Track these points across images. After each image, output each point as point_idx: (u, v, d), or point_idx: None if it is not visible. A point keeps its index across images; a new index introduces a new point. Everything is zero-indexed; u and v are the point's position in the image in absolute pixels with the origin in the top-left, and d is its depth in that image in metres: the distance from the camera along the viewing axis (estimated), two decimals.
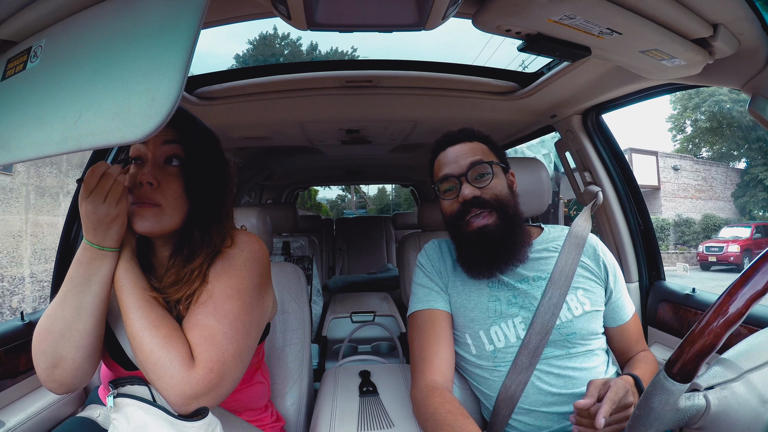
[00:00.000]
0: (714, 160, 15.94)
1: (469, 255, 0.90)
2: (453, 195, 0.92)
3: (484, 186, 0.90)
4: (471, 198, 0.88)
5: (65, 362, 0.64)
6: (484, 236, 0.87)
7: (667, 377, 0.49)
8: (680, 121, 16.96)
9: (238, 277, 0.70)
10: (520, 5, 0.66)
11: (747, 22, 0.69)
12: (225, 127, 1.62)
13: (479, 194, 0.89)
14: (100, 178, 0.61)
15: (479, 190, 0.89)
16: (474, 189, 0.89)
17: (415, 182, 4.16)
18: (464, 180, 0.90)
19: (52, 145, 0.50)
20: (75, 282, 0.63)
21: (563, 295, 0.88)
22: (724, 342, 0.47)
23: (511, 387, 0.85)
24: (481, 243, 0.88)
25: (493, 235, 0.87)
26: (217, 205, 0.74)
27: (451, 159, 0.93)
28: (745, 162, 15.27)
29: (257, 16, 0.89)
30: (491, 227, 0.88)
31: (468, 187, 0.89)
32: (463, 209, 0.89)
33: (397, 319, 2.01)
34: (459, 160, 0.92)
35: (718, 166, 15.55)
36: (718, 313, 0.48)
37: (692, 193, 14.63)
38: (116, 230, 0.64)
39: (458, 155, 0.93)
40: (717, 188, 15.11)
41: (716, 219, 13.82)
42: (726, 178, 15.35)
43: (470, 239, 0.89)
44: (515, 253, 0.90)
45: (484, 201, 0.89)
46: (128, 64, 0.49)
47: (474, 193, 0.89)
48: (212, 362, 0.61)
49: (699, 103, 15.61)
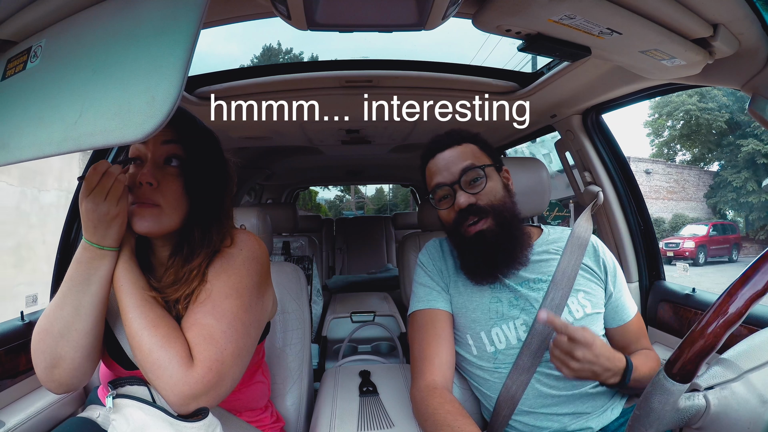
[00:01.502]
0: (688, 163, 17.32)
1: (472, 261, 0.90)
2: (448, 204, 0.91)
3: (479, 192, 0.89)
4: (466, 206, 0.87)
5: (64, 362, 0.64)
6: (482, 241, 0.87)
7: (667, 377, 0.49)
8: (656, 126, 18.13)
9: (237, 276, 0.70)
10: (520, 5, 0.66)
11: (747, 22, 0.69)
12: (225, 127, 1.62)
13: (474, 201, 0.88)
14: (101, 176, 0.61)
15: (474, 197, 0.88)
16: (469, 196, 0.88)
17: (415, 182, 4.16)
18: (458, 187, 0.89)
19: (53, 145, 0.50)
20: (74, 281, 0.63)
21: (565, 297, 0.88)
22: (724, 342, 0.47)
23: (512, 388, 0.85)
24: (480, 248, 0.87)
25: (492, 239, 0.87)
26: (216, 204, 0.74)
27: (442, 166, 0.92)
28: (719, 165, 16.55)
29: (257, 16, 0.89)
30: (488, 232, 0.87)
31: (462, 195, 0.88)
32: (460, 217, 0.89)
33: (397, 319, 2.01)
34: (450, 167, 0.91)
35: (691, 169, 16.80)
36: (718, 313, 0.48)
37: (664, 194, 15.75)
38: (116, 229, 0.63)
39: (449, 162, 0.91)
40: (689, 190, 16.30)
41: (685, 218, 14.98)
42: (699, 180, 16.52)
43: (471, 245, 0.89)
44: (516, 256, 0.89)
45: (479, 208, 0.88)
46: (128, 64, 0.49)
47: (469, 200, 0.88)
48: (211, 362, 0.61)
49: (671, 110, 16.86)
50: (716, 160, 16.89)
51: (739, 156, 14.79)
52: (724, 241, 13.27)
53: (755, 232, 14.54)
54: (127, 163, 0.70)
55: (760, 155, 14.08)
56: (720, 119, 15.47)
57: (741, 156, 14.70)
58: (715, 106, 15.52)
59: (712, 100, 15.58)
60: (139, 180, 0.66)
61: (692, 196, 16.30)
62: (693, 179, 16.46)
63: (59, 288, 0.65)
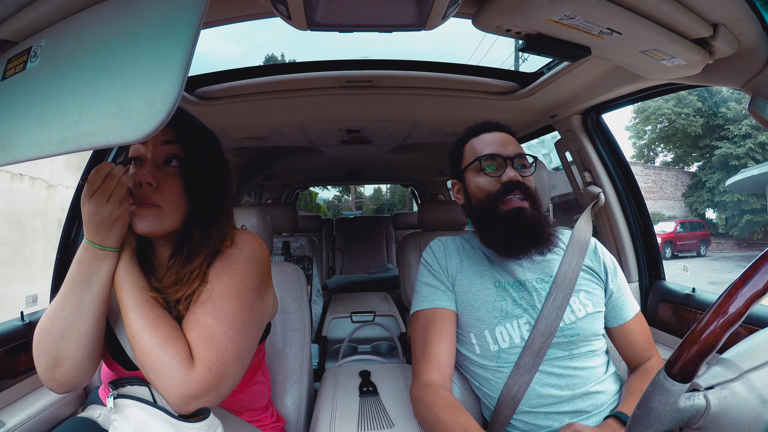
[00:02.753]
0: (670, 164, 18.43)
1: (503, 235, 0.90)
2: (495, 174, 0.93)
3: (526, 176, 0.93)
4: (516, 181, 0.90)
5: (66, 361, 0.64)
6: (520, 216, 0.89)
7: (667, 377, 0.48)
8: (637, 129, 19.32)
9: (237, 276, 0.70)
10: (520, 5, 0.66)
11: (747, 22, 0.69)
12: (225, 127, 1.62)
13: (522, 180, 0.91)
14: (104, 178, 0.61)
15: (522, 179, 0.92)
16: (517, 174, 0.91)
17: (415, 182, 4.16)
18: (510, 163, 0.92)
19: (52, 145, 0.50)
20: (75, 281, 0.63)
21: (567, 298, 0.88)
22: (724, 342, 0.47)
23: (514, 388, 0.85)
24: (517, 223, 0.89)
25: (529, 217, 0.89)
26: (217, 205, 0.74)
27: (499, 141, 0.95)
28: (697, 166, 17.76)
29: (257, 16, 0.89)
30: (528, 211, 0.90)
31: (512, 170, 0.91)
32: (505, 189, 0.91)
33: (397, 319, 2.01)
34: (506, 145, 0.94)
35: (669, 170, 17.74)
36: (718, 313, 0.48)
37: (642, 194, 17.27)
38: (118, 231, 0.64)
39: (505, 140, 0.95)
40: (667, 189, 17.26)
41: (661, 216, 15.79)
42: (677, 180, 17.46)
43: (506, 218, 0.90)
44: (547, 238, 0.91)
45: (525, 187, 0.91)
46: (128, 64, 0.49)
47: (518, 177, 0.91)
48: (211, 362, 0.61)
49: (649, 115, 18.04)
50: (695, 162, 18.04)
51: (713, 158, 15.89)
52: (691, 237, 14.18)
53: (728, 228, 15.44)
54: (127, 164, 0.70)
55: (732, 157, 14.97)
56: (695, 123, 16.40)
57: (715, 158, 15.74)
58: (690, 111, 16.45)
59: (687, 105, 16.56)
60: (139, 180, 0.66)
61: (670, 195, 17.23)
62: (671, 179, 17.38)
63: (60, 288, 0.65)
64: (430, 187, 3.91)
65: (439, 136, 1.90)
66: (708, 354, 0.48)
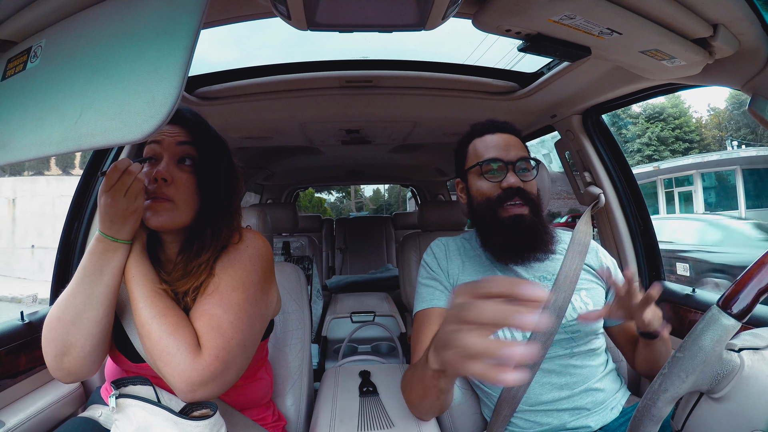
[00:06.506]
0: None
1: (500, 241, 0.91)
2: (496, 179, 0.92)
3: (528, 181, 0.92)
4: (516, 187, 0.90)
5: (75, 349, 0.65)
6: (518, 223, 0.89)
7: (723, 312, 0.46)
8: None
9: (243, 270, 0.73)
10: (520, 5, 0.66)
11: (747, 22, 0.69)
12: (225, 127, 1.62)
13: (522, 186, 0.91)
14: (121, 173, 0.63)
15: (523, 183, 0.91)
16: (518, 180, 0.91)
17: (415, 182, 4.16)
18: (511, 168, 0.91)
19: (52, 145, 0.51)
20: (87, 272, 0.65)
21: (567, 299, 0.88)
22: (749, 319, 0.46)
23: (513, 387, 0.85)
24: (516, 230, 0.89)
25: (527, 224, 0.89)
26: (227, 203, 0.77)
27: (502, 144, 0.94)
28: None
29: (257, 16, 0.89)
30: (527, 218, 0.90)
31: (513, 176, 0.91)
32: (504, 195, 0.90)
33: (397, 319, 2.00)
34: (509, 148, 0.93)
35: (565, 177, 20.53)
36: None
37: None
38: (131, 224, 0.66)
39: (508, 143, 0.94)
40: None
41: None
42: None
43: (504, 225, 0.90)
44: (547, 243, 0.91)
45: (525, 193, 0.91)
46: (128, 64, 0.49)
47: (519, 183, 0.91)
48: (218, 350, 0.63)
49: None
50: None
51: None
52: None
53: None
54: (142, 163, 0.73)
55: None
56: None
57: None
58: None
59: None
60: (155, 176, 0.70)
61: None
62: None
63: (72, 278, 0.67)
64: (430, 188, 3.91)
65: (439, 136, 1.90)
66: (766, 291, 0.46)
